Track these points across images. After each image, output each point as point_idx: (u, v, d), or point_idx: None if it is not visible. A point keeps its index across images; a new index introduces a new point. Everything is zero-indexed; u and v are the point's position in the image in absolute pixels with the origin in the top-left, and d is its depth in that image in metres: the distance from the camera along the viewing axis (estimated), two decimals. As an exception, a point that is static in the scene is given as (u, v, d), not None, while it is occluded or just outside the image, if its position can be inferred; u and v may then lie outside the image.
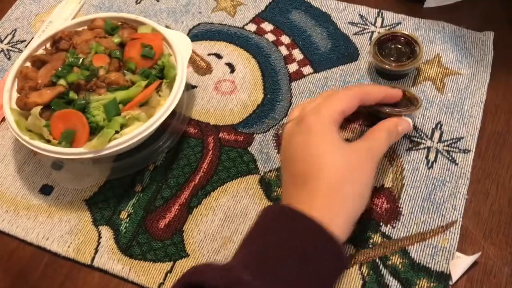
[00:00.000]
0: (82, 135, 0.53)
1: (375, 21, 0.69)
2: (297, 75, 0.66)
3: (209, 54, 0.69)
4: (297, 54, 0.67)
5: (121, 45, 0.60)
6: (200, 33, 0.71)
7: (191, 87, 0.66)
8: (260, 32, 0.70)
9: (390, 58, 0.61)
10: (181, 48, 0.60)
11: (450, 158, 0.57)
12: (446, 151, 0.57)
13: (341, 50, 0.67)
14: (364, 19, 0.69)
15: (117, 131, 0.53)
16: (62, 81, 0.56)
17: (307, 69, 0.66)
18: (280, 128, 0.61)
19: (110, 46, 0.59)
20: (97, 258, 0.54)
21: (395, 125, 0.52)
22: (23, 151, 0.62)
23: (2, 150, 0.63)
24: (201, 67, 0.68)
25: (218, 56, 0.69)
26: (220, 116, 0.63)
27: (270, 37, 0.70)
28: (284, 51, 0.68)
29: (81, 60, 0.57)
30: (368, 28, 0.68)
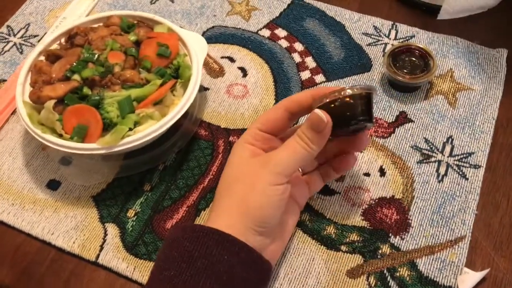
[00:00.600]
0: (95, 131, 0.53)
1: (389, 33, 0.69)
2: (309, 83, 0.66)
3: (222, 57, 0.69)
4: (310, 62, 0.68)
5: (137, 43, 0.60)
6: (214, 36, 0.71)
7: (203, 89, 0.66)
8: (274, 38, 0.70)
9: (403, 70, 0.62)
10: (197, 49, 0.60)
11: (460, 173, 0.57)
12: (457, 165, 0.57)
13: (354, 60, 0.67)
14: (378, 30, 0.70)
15: (130, 129, 0.53)
16: (76, 76, 0.56)
17: (319, 77, 0.66)
18: None
19: (126, 43, 0.59)
20: (102, 255, 0.54)
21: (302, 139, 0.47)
22: (32, 145, 0.62)
23: (11, 143, 0.63)
24: (213, 70, 0.68)
25: (231, 60, 0.69)
26: (231, 120, 0.63)
27: (284, 43, 0.70)
28: (297, 58, 0.68)
29: (96, 56, 0.57)
30: (382, 40, 0.69)
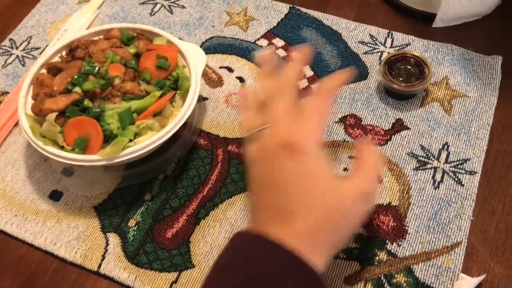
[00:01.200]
0: (96, 142, 0.54)
1: (385, 41, 0.70)
2: (307, 92, 0.66)
3: (220, 67, 0.70)
4: (307, 70, 0.69)
5: (137, 55, 0.61)
6: (212, 46, 0.72)
7: (202, 98, 0.67)
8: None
9: (399, 78, 0.63)
10: (195, 60, 0.61)
11: (456, 179, 0.57)
12: (453, 172, 0.58)
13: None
14: (374, 39, 0.71)
15: (130, 140, 0.54)
16: (77, 88, 0.57)
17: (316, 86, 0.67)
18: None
19: (126, 56, 0.60)
20: (104, 265, 0.55)
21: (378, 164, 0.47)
22: (34, 156, 0.63)
23: (14, 155, 0.64)
24: (212, 80, 0.69)
25: (230, 70, 0.70)
26: (229, 129, 0.64)
27: (281, 53, 0.71)
28: (294, 67, 0.69)
29: (97, 69, 0.58)
30: (378, 48, 0.70)
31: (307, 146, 0.43)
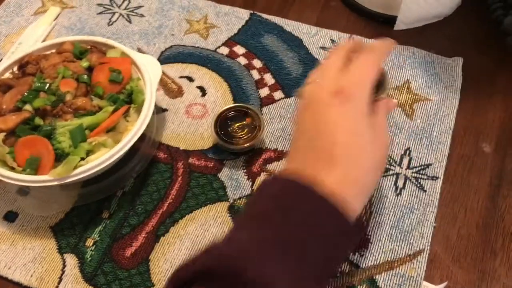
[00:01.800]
0: (48, 162, 0.52)
1: (347, 46, 0.69)
2: (269, 100, 0.65)
3: (180, 77, 0.69)
4: (268, 78, 0.68)
5: (90, 69, 0.60)
6: (172, 55, 0.71)
7: (161, 110, 0.65)
8: (233, 55, 0.70)
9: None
10: (151, 72, 0.59)
11: (418, 185, 0.57)
12: (415, 178, 0.58)
13: (312, 74, 0.67)
14: (335, 43, 0.70)
15: (82, 158, 0.52)
16: (28, 106, 0.55)
17: (278, 94, 0.66)
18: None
19: (78, 70, 0.58)
20: (61, 287, 0.53)
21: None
22: (-12, 176, 0.61)
23: (-34, 175, 0.62)
24: (172, 90, 0.67)
25: (190, 79, 0.68)
26: (190, 141, 0.63)
27: (242, 60, 0.70)
28: (256, 75, 0.68)
29: (47, 85, 0.57)
30: (339, 53, 0.69)
31: (355, 94, 0.44)
